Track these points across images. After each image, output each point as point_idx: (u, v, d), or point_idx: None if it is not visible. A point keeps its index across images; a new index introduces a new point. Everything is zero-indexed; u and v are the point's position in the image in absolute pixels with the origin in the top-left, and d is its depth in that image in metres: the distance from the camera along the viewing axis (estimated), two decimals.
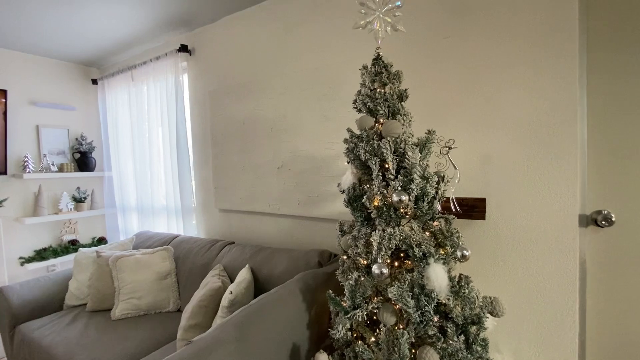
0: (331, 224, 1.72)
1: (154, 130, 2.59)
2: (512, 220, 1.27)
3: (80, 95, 3.03)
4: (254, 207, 2.02)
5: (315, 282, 1.31)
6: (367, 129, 1.09)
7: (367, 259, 1.06)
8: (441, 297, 0.96)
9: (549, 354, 1.23)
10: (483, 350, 1.01)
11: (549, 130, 1.20)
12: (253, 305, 1.08)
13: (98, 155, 3.04)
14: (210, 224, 2.33)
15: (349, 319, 1.05)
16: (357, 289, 1.05)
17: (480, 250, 1.33)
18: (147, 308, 1.85)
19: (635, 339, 1.14)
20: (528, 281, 1.25)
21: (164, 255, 1.98)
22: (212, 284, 1.44)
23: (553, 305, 1.22)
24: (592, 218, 1.18)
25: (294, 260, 1.56)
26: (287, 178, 1.85)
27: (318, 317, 1.24)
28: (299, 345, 1.13)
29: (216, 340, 0.90)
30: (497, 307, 1.02)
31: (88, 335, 1.67)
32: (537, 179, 1.22)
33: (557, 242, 1.20)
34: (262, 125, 1.95)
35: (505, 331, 1.30)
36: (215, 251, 1.90)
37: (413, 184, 0.99)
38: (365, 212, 1.12)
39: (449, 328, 0.98)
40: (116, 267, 1.92)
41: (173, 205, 2.48)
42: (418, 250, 0.98)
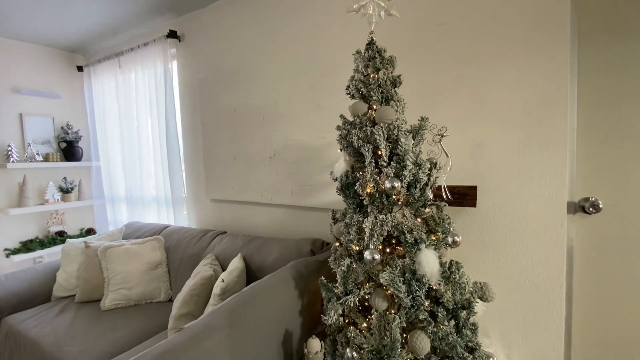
0: (324, 213, 1.72)
1: (143, 119, 2.53)
2: (502, 208, 1.28)
3: (65, 83, 2.94)
4: (245, 197, 2.00)
5: (307, 269, 1.31)
6: (360, 115, 1.08)
7: (359, 245, 1.06)
8: (432, 283, 0.96)
9: (536, 337, 1.26)
10: (472, 335, 1.03)
11: (539, 118, 1.21)
12: (245, 292, 1.07)
13: (85, 145, 2.97)
14: (201, 214, 2.30)
15: (341, 305, 1.05)
16: (349, 275, 1.06)
17: (471, 237, 1.34)
18: (137, 298, 1.84)
19: (620, 323, 1.18)
20: (517, 267, 1.28)
21: (154, 245, 1.96)
22: (203, 272, 1.43)
23: (540, 290, 1.25)
24: (579, 205, 1.20)
25: (287, 249, 1.56)
26: (280, 167, 1.83)
27: (310, 304, 1.25)
28: (291, 332, 1.14)
29: (207, 327, 0.89)
30: (487, 293, 1.04)
31: (77, 326, 1.65)
32: (527, 167, 1.24)
33: (545, 229, 1.21)
34: (253, 113, 1.92)
35: (493, 316, 1.32)
36: (206, 241, 1.89)
37: (405, 170, 0.99)
38: (357, 200, 1.12)
39: (439, 312, 0.99)
40: (105, 258, 1.89)
41: (163, 196, 2.45)
42: (410, 236, 0.99)
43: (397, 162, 1.01)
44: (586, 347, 1.23)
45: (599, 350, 1.21)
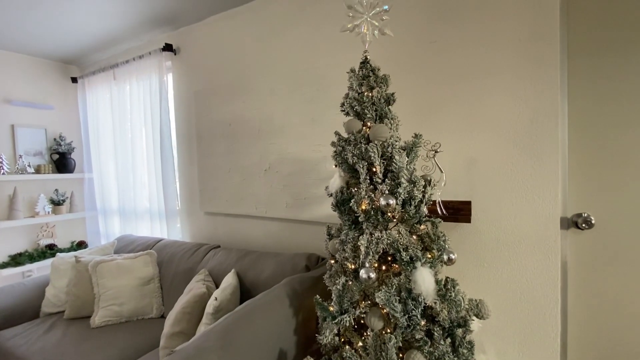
0: (319, 227, 1.71)
1: (137, 131, 2.52)
2: (496, 223, 1.29)
3: (58, 94, 2.92)
4: (240, 210, 1.98)
5: (302, 287, 1.29)
6: (354, 132, 1.08)
7: (354, 263, 1.05)
8: (428, 301, 0.96)
9: (532, 353, 1.26)
10: (469, 353, 1.02)
11: (531, 134, 1.22)
12: (238, 311, 1.05)
13: (78, 157, 2.93)
14: (195, 228, 2.28)
15: (337, 324, 1.04)
16: (344, 293, 1.04)
17: (466, 252, 1.34)
18: (128, 315, 1.80)
19: (615, 337, 1.18)
20: (512, 283, 1.28)
21: (146, 259, 1.92)
22: (196, 289, 1.40)
23: (535, 305, 1.24)
24: (572, 221, 1.21)
25: (281, 264, 1.54)
26: (274, 180, 1.83)
27: (305, 322, 1.23)
28: (285, 351, 1.12)
29: (199, 350, 0.87)
30: (483, 310, 1.04)
31: (66, 344, 1.60)
32: (520, 183, 1.25)
33: (539, 244, 1.22)
34: (248, 126, 1.92)
35: (489, 332, 1.31)
36: (200, 255, 1.86)
37: (400, 187, 0.99)
38: (352, 216, 1.12)
39: (435, 332, 0.98)
40: (96, 273, 1.85)
41: (157, 208, 2.42)
42: (405, 254, 0.98)
43: (392, 179, 1.01)
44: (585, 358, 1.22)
45: None
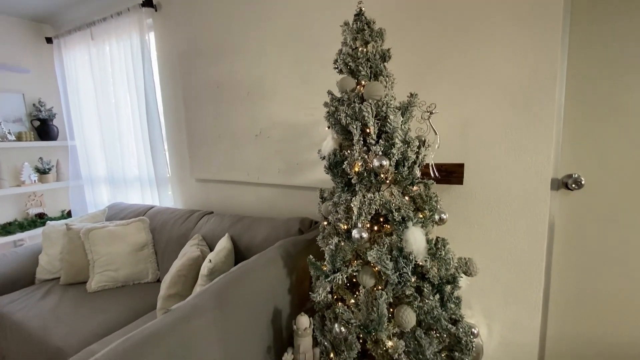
0: (312, 192, 1.71)
1: (121, 95, 2.41)
2: (488, 185, 1.30)
3: (33, 56, 2.74)
4: (232, 177, 1.96)
5: (295, 248, 1.31)
6: (348, 91, 1.04)
7: (347, 224, 1.06)
8: (419, 259, 0.98)
9: (515, 308, 1.32)
10: (456, 308, 1.06)
11: (528, 94, 1.20)
12: (232, 272, 1.07)
13: (60, 123, 2.82)
14: (187, 195, 2.26)
15: (329, 282, 1.07)
16: (337, 253, 1.06)
17: (457, 214, 1.36)
18: (124, 280, 1.82)
19: (593, 295, 1.24)
20: (499, 243, 1.31)
21: (139, 226, 1.92)
22: (190, 253, 1.41)
23: (521, 264, 1.29)
24: (563, 182, 1.22)
25: (275, 228, 1.55)
26: (266, 146, 1.79)
27: (299, 282, 1.26)
28: (280, 309, 1.15)
29: (195, 308, 0.89)
30: (471, 267, 1.07)
31: (63, 308, 1.63)
32: (514, 144, 1.24)
33: (529, 206, 1.24)
34: (237, 89, 1.85)
35: (476, 289, 1.37)
36: (193, 221, 1.86)
37: (394, 148, 0.97)
38: (345, 178, 1.11)
39: (425, 288, 1.02)
40: (89, 240, 1.84)
41: (146, 176, 2.38)
42: (397, 214, 0.99)
43: (386, 140, 0.99)
44: (562, 315, 1.29)
45: (574, 319, 1.28)
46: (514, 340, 1.35)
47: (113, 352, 0.72)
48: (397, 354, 0.98)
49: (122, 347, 0.73)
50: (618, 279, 1.19)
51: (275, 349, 1.11)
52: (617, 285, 1.20)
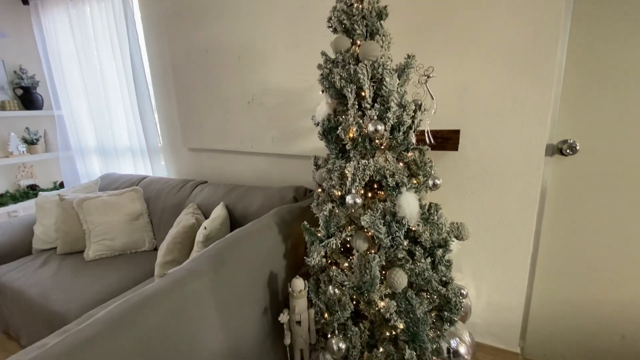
0: (306, 160, 1.69)
1: (105, 61, 2.30)
2: (483, 151, 1.29)
3: (10, 20, 2.57)
4: (225, 146, 1.93)
5: (290, 215, 1.32)
6: (342, 51, 0.99)
7: (341, 190, 1.06)
8: (411, 224, 0.99)
9: (504, 270, 1.37)
10: (447, 270, 1.09)
11: (528, 58, 1.16)
12: (228, 238, 1.08)
13: (44, 92, 2.71)
14: (179, 164, 2.23)
15: (324, 247, 1.08)
16: (331, 219, 1.07)
17: (451, 180, 1.37)
18: (121, 248, 1.84)
19: (580, 259, 1.28)
20: (492, 209, 1.33)
21: (132, 196, 1.91)
22: (185, 221, 1.42)
23: (512, 229, 1.32)
24: (557, 147, 1.22)
25: (269, 196, 1.55)
26: (259, 113, 1.75)
27: (294, 248, 1.28)
28: (276, 273, 1.18)
29: (191, 272, 0.90)
30: (463, 232, 1.09)
31: (62, 276, 1.65)
32: (511, 109, 1.22)
33: (522, 172, 1.24)
34: (227, 54, 1.77)
35: (467, 253, 1.41)
36: (187, 191, 1.85)
37: (389, 112, 0.95)
38: (340, 145, 1.09)
39: (417, 251, 1.04)
40: (82, 210, 1.84)
41: (138, 146, 2.33)
42: (391, 180, 0.98)
43: (381, 104, 0.96)
44: (548, 278, 1.34)
45: (560, 281, 1.33)
46: (500, 301, 1.41)
47: (110, 314, 0.73)
48: (389, 313, 1.01)
49: (118, 310, 0.75)
50: (605, 244, 1.22)
51: (272, 311, 1.15)
52: (603, 250, 1.23)
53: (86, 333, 0.67)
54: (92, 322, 0.70)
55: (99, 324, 0.69)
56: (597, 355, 1.31)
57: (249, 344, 1.05)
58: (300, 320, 1.09)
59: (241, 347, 1.01)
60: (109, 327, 0.69)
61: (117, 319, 0.71)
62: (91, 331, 0.67)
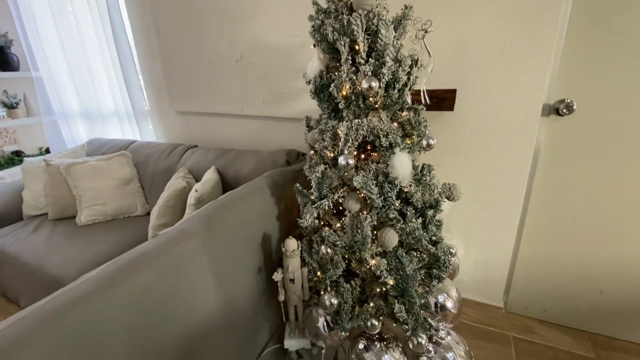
0: (299, 123, 1.65)
1: (83, 20, 2.13)
2: (479, 111, 1.26)
3: None
4: (214, 108, 1.86)
5: (283, 179, 1.30)
6: (335, 0, 0.93)
7: (333, 151, 1.04)
8: (404, 185, 0.98)
9: (492, 231, 1.40)
10: (437, 230, 1.11)
11: (531, 14, 1.10)
12: (220, 199, 1.07)
13: (20, 52, 2.54)
14: (168, 129, 2.16)
15: (316, 209, 1.08)
16: (323, 180, 1.06)
17: (445, 142, 1.35)
18: (114, 213, 1.83)
19: (568, 219, 1.30)
20: (484, 170, 1.33)
21: (121, 161, 1.86)
22: (176, 184, 1.40)
23: (503, 190, 1.33)
24: (554, 107, 1.20)
25: (261, 160, 1.53)
26: (248, 73, 1.67)
27: (287, 211, 1.28)
28: (269, 235, 1.19)
29: (183, 232, 0.90)
30: (454, 192, 1.09)
31: (56, 241, 1.65)
32: (509, 68, 1.18)
33: (517, 132, 1.23)
34: (212, 6, 1.64)
35: (457, 214, 1.43)
36: (177, 155, 1.81)
37: (384, 67, 0.90)
38: (332, 103, 1.05)
39: (408, 212, 1.05)
40: (70, 175, 1.80)
41: (123, 110, 2.25)
42: (385, 140, 0.96)
43: (376, 59, 0.91)
44: (535, 238, 1.38)
45: (546, 241, 1.36)
46: (487, 260, 1.46)
47: (101, 273, 0.73)
48: (380, 270, 1.04)
49: (110, 269, 0.75)
50: (591, 205, 1.25)
51: (266, 270, 1.18)
52: (589, 211, 1.26)
53: (78, 291, 0.67)
54: (84, 281, 0.71)
55: (90, 283, 0.70)
56: (575, 308, 1.39)
57: (245, 301, 1.08)
58: (294, 278, 1.12)
59: (237, 304, 1.05)
60: (101, 285, 0.69)
61: (108, 277, 0.72)
62: (83, 289, 0.68)
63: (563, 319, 1.42)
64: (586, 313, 1.37)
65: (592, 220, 1.26)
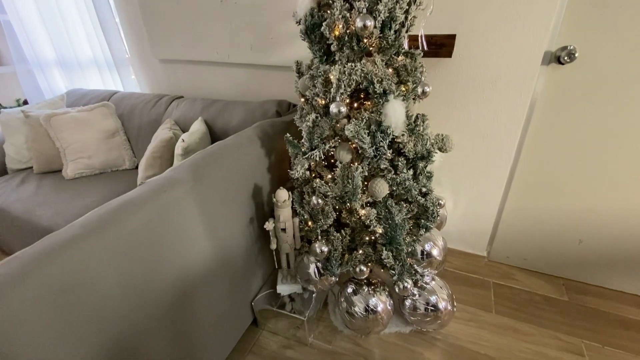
0: (289, 72, 1.57)
1: None
2: (477, 60, 1.21)
3: None
4: (199, 56, 1.75)
5: (273, 130, 1.27)
6: None
7: (325, 98, 0.99)
8: (396, 133, 0.96)
9: (481, 183, 1.42)
10: (428, 181, 1.11)
11: None
12: (208, 149, 1.04)
13: None
14: (152, 78, 2.05)
15: (307, 159, 1.07)
16: (314, 130, 1.03)
17: (440, 92, 1.31)
18: (101, 167, 1.79)
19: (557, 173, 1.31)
20: (478, 122, 1.31)
21: (104, 112, 1.78)
22: (162, 135, 1.35)
23: (495, 143, 1.32)
24: (555, 55, 1.15)
25: (251, 111, 1.47)
26: (234, 16, 1.54)
27: (278, 163, 1.26)
28: (260, 186, 1.18)
29: (171, 180, 0.88)
30: (447, 143, 1.08)
31: (44, 194, 1.63)
32: (513, 13, 1.10)
33: (515, 82, 1.19)
34: None
35: (448, 168, 1.44)
36: (162, 106, 1.74)
37: (380, 4, 0.83)
38: (324, 45, 0.99)
39: (400, 162, 1.04)
40: (51, 127, 1.72)
41: (102, 58, 2.10)
42: (379, 86, 0.92)
43: None
44: (522, 191, 1.40)
45: (533, 194, 1.39)
46: (475, 212, 1.49)
47: (88, 218, 0.72)
48: (369, 220, 1.06)
49: (98, 213, 0.74)
50: (581, 157, 1.25)
51: (258, 220, 1.19)
52: (578, 162, 1.26)
53: (65, 235, 0.67)
54: (70, 225, 0.70)
55: (77, 227, 0.69)
56: (554, 257, 1.46)
57: (238, 249, 1.10)
58: (285, 228, 1.13)
59: (230, 252, 1.07)
60: (88, 230, 0.68)
61: (95, 222, 0.71)
62: (70, 233, 0.67)
63: (542, 267, 1.50)
64: (564, 261, 1.45)
65: (579, 173, 1.28)
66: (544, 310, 1.33)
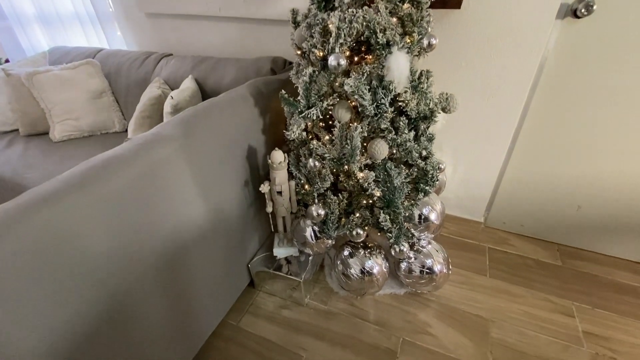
0: (285, 27, 1.47)
1: None
2: (487, 12, 1.12)
3: None
4: (188, 9, 1.62)
5: (267, 88, 1.20)
6: None
7: (323, 50, 0.92)
8: (399, 89, 0.90)
9: (483, 148, 1.38)
10: (429, 143, 1.07)
11: None
12: (198, 105, 0.98)
13: None
14: (139, 35, 1.92)
15: (304, 119, 1.01)
16: (311, 86, 0.96)
17: (446, 50, 1.23)
18: (89, 129, 1.72)
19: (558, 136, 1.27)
20: (485, 83, 1.24)
21: (89, 70, 1.68)
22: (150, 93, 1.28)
23: (500, 106, 1.26)
24: (572, 8, 1.06)
25: (244, 69, 1.39)
26: None
27: (273, 124, 1.21)
28: (255, 148, 1.13)
29: (158, 136, 0.83)
30: (451, 103, 1.02)
31: (32, 157, 1.58)
32: None
33: (526, 38, 1.11)
34: None
35: (449, 133, 1.39)
36: (151, 64, 1.64)
37: None
38: None
39: (401, 122, 0.99)
40: (34, 86, 1.63)
41: (84, 12, 1.96)
42: (382, 36, 0.85)
43: None
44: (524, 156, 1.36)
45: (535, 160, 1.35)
46: (475, 177, 1.47)
47: (72, 172, 0.69)
48: (367, 183, 1.03)
49: (80, 170, 0.70)
50: (587, 121, 1.20)
51: (253, 183, 1.16)
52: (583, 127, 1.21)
53: (47, 189, 0.63)
54: (53, 180, 0.66)
55: (60, 181, 0.65)
56: (552, 223, 1.45)
57: (233, 212, 1.08)
58: (281, 190, 1.10)
59: (225, 214, 1.04)
60: (70, 185, 0.65)
61: (79, 177, 0.67)
62: (53, 187, 0.63)
63: (538, 233, 1.51)
64: (561, 228, 1.44)
65: (584, 139, 1.24)
66: (537, 274, 1.34)
